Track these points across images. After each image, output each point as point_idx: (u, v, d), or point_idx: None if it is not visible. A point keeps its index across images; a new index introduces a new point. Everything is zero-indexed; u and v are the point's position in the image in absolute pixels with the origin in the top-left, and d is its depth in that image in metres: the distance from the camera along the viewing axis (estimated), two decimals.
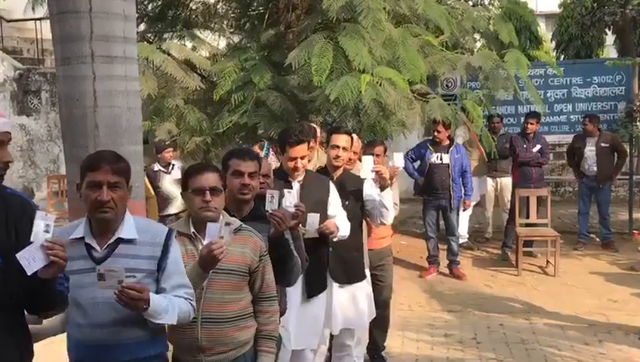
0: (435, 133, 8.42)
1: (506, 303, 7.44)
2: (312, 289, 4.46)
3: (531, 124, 9.22)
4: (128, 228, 2.80)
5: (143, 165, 7.38)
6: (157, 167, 8.26)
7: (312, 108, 8.11)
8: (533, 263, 8.93)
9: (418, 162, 8.73)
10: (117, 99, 3.38)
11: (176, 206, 7.98)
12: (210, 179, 3.15)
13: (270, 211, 3.40)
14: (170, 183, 8.02)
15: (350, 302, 4.95)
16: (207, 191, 3.12)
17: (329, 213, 4.46)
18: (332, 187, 4.55)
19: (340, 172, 4.88)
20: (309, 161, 5.03)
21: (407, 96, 7.68)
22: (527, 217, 8.91)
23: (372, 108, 7.49)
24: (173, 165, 8.27)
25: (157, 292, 2.79)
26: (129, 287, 2.60)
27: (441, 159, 8.42)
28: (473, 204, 9.79)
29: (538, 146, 9.19)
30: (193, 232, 3.20)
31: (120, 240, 2.78)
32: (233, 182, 3.51)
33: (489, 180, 9.90)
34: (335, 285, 4.85)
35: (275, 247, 3.41)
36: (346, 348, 5.11)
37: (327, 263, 4.64)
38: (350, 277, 4.93)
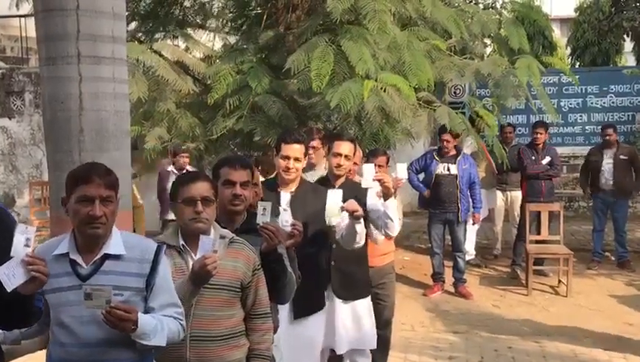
0: (444, 143, 8.37)
1: (515, 325, 7.42)
2: (299, 309, 4.34)
3: (540, 133, 9.19)
4: (115, 243, 2.80)
5: (131, 172, 7.45)
6: (170, 167, 8.31)
7: (311, 114, 8.13)
8: (544, 282, 8.90)
9: (422, 174, 8.70)
10: (104, 102, 3.39)
11: None
12: (201, 188, 3.15)
13: (261, 224, 3.39)
14: None
15: (356, 319, 4.92)
16: (199, 202, 3.12)
17: (333, 222, 4.40)
18: (329, 196, 4.48)
19: (341, 181, 4.85)
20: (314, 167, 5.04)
21: (412, 103, 7.69)
22: (538, 233, 8.90)
23: (375, 115, 7.50)
24: (187, 170, 8.28)
25: (145, 311, 2.79)
26: (117, 307, 2.60)
27: (448, 170, 8.40)
28: (481, 218, 9.77)
29: (548, 158, 9.17)
30: (182, 245, 3.20)
31: (107, 256, 2.78)
32: (224, 192, 3.50)
33: (499, 193, 9.90)
34: (337, 301, 4.83)
35: (267, 262, 3.40)
36: None
37: (323, 282, 4.58)
38: (354, 293, 4.90)
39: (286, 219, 3.68)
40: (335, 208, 4.21)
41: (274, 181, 4.44)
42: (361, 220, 4.34)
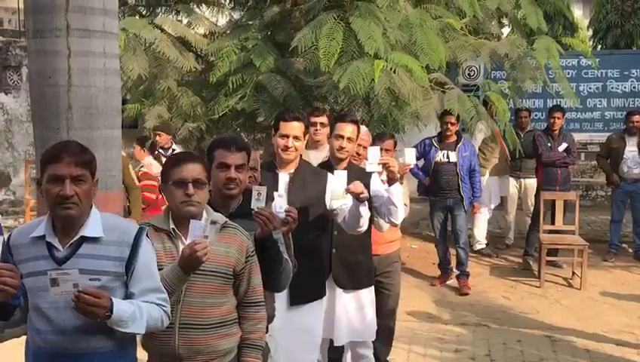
0: (448, 126, 8.15)
1: (526, 317, 7.38)
2: (296, 297, 4.31)
3: (557, 118, 9.09)
4: (94, 225, 2.78)
5: (128, 152, 7.42)
6: (157, 149, 8.23)
7: (317, 94, 8.08)
8: (557, 274, 8.84)
9: (422, 160, 8.59)
10: (94, 77, 3.35)
11: None
12: (193, 170, 3.12)
13: (256, 209, 3.36)
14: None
15: (357, 310, 4.91)
16: (190, 184, 3.09)
17: (335, 205, 4.36)
18: (331, 179, 4.42)
19: (344, 165, 4.79)
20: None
21: (423, 85, 7.63)
22: (553, 223, 8.84)
23: (384, 97, 7.45)
24: (174, 150, 8.22)
25: (126, 297, 2.78)
26: (85, 292, 2.58)
27: (447, 157, 8.23)
28: (493, 206, 9.73)
29: (564, 145, 9.08)
30: (173, 228, 3.17)
31: (84, 239, 2.76)
32: (218, 175, 3.46)
33: (512, 181, 9.84)
34: (338, 290, 4.81)
35: (262, 249, 3.37)
36: (365, 360, 5.06)
37: (322, 269, 4.56)
38: (356, 282, 4.88)
39: (280, 205, 3.63)
40: (339, 190, 4.18)
41: (272, 163, 4.40)
42: (366, 203, 4.29)
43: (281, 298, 4.11)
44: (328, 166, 4.80)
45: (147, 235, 2.91)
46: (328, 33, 7.24)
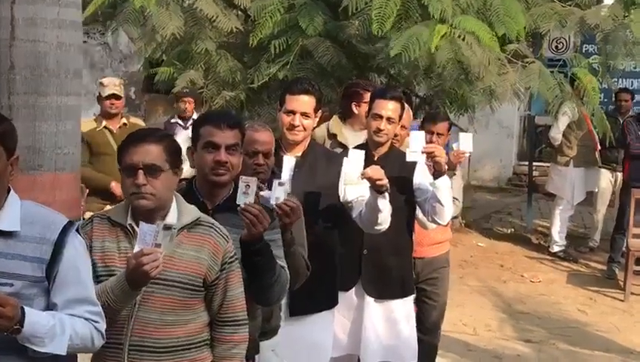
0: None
1: (603, 337, 6.94)
2: (298, 306, 3.91)
3: None
4: (8, 216, 2.42)
5: (80, 126, 7.05)
6: (175, 118, 7.96)
7: (373, 64, 7.61)
8: None
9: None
10: (43, 30, 2.97)
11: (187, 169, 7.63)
12: (147, 152, 2.72)
13: (242, 206, 2.92)
14: (185, 142, 7.56)
15: (391, 324, 4.57)
16: (140, 171, 2.69)
17: (349, 196, 4.00)
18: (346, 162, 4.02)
19: (383, 150, 4.42)
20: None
21: (498, 57, 7.09)
22: None
23: (449, 69, 6.95)
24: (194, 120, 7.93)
25: (47, 308, 2.41)
26: None
27: None
28: (576, 202, 9.15)
29: None
30: (130, 224, 2.77)
31: None
32: (204, 157, 3.09)
33: (605, 173, 9.36)
34: (368, 299, 4.48)
35: (248, 254, 2.96)
36: None
37: (332, 275, 4.15)
38: (387, 291, 4.53)
39: (277, 196, 3.17)
40: (353, 174, 3.80)
41: (277, 142, 3.96)
42: (386, 195, 3.85)
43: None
44: (364, 149, 4.35)
45: (78, 231, 2.54)
46: None
